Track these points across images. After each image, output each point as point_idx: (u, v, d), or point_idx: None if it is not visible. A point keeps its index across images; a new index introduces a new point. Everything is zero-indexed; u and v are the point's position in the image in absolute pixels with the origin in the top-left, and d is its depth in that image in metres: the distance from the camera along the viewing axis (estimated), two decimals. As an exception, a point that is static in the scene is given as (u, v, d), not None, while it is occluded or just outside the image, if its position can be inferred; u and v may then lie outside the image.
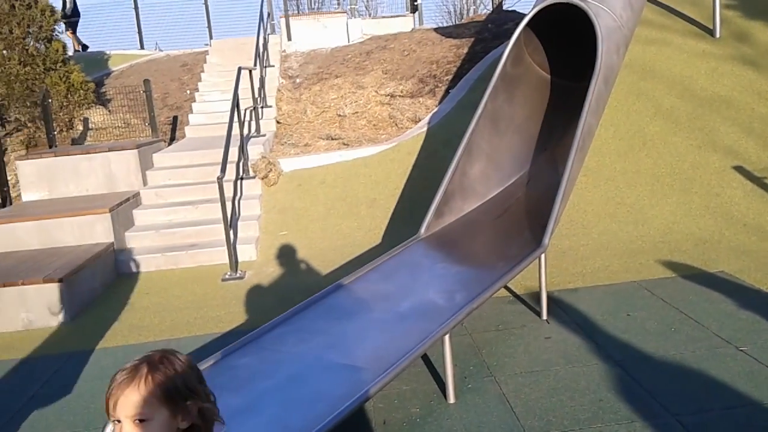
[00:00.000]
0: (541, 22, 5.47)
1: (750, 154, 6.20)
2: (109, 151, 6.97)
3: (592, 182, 6.22)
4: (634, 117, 6.80)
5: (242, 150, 7.03)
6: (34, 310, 4.92)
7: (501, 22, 10.70)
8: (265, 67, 9.83)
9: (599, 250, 5.34)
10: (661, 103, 6.91)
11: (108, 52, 12.79)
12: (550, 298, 4.41)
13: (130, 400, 1.30)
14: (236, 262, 5.74)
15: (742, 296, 4.20)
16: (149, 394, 1.30)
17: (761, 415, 2.87)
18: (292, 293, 5.02)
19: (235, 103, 7.03)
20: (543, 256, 4.19)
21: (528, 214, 5.08)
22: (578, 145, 4.56)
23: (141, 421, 1.30)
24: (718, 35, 7.69)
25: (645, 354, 3.57)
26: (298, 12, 15.59)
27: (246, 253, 6.00)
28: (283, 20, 11.96)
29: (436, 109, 8.39)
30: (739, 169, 6.06)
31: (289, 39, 11.72)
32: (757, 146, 6.27)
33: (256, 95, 8.50)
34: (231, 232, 5.83)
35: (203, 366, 3.25)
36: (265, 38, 10.34)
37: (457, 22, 16.08)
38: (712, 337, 3.68)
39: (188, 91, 10.16)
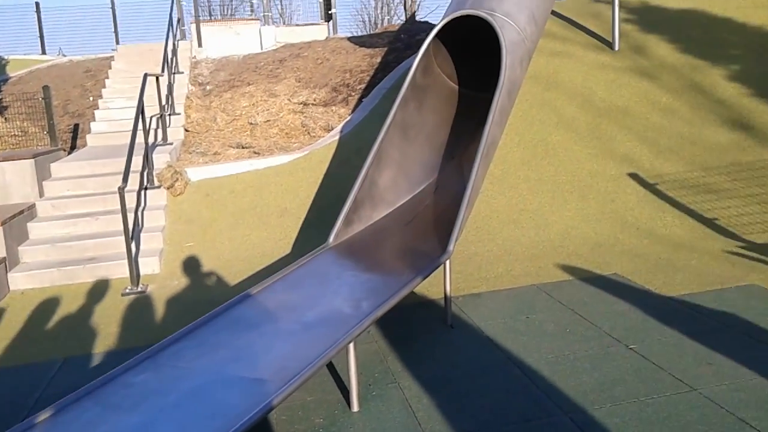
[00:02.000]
0: (450, 33, 5.59)
1: (644, 161, 6.55)
2: (3, 160, 6.60)
3: (498, 189, 6.40)
4: (537, 126, 7.04)
5: (147, 159, 6.81)
6: None
7: (414, 32, 10.88)
8: (174, 73, 9.58)
9: (503, 255, 5.50)
10: (563, 113, 7.19)
11: (6, 57, 12.17)
12: (455, 303, 4.50)
13: None
14: (138, 275, 5.55)
15: (634, 297, 4.42)
16: None
17: (648, 409, 3.02)
18: (197, 306, 4.90)
19: (140, 110, 6.81)
20: (448, 262, 4.27)
21: (436, 221, 5.16)
22: (482, 153, 4.68)
23: None
24: (617, 48, 8.09)
25: (542, 355, 3.69)
26: (210, 18, 15.32)
27: (149, 265, 5.81)
28: (193, 26, 11.73)
29: (348, 118, 8.42)
30: (633, 176, 6.39)
31: (200, 45, 11.50)
32: (650, 154, 6.62)
33: (164, 102, 8.26)
34: (133, 245, 5.63)
35: (95, 385, 3.12)
36: (174, 44, 10.09)
37: (372, 32, 16.21)
38: (604, 337, 3.84)
39: (91, 98, 9.77)
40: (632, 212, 5.97)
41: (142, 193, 6.60)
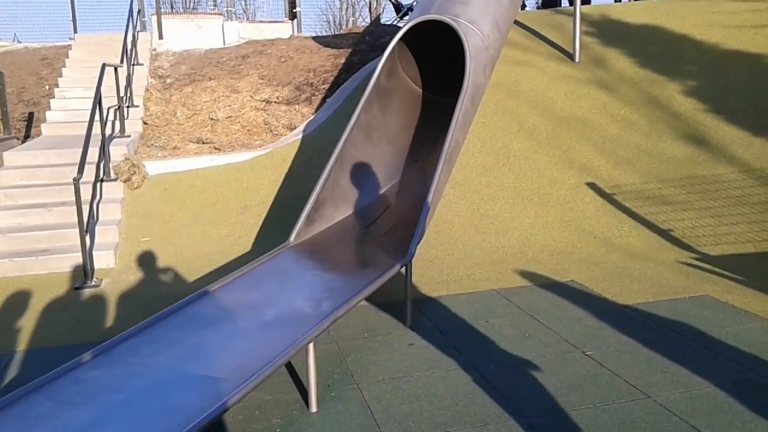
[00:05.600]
0: (415, 38, 5.61)
1: (602, 171, 6.68)
2: (-50, 146, 6.36)
3: (459, 194, 6.44)
4: (499, 134, 7.12)
5: (103, 150, 6.64)
6: None
7: (378, 35, 10.89)
8: (134, 65, 9.38)
9: (463, 259, 5.54)
10: (525, 121, 7.29)
11: (-44, 40, 11.76)
12: (415, 305, 4.51)
13: None
14: (92, 269, 5.41)
15: (590, 304, 4.50)
16: None
17: (604, 416, 3.07)
18: (152, 302, 4.80)
19: (98, 101, 6.64)
20: (409, 264, 4.27)
21: (397, 223, 5.17)
22: (445, 158, 4.71)
23: None
24: (577, 59, 8.25)
25: (501, 359, 3.72)
26: (172, 10, 15.07)
27: (103, 259, 5.67)
28: (154, 18, 11.51)
29: (312, 117, 8.37)
30: (591, 185, 6.51)
31: (161, 37, 11.30)
32: (608, 164, 6.76)
33: (122, 94, 8.08)
34: (87, 238, 5.48)
35: (46, 380, 3.02)
36: (134, 35, 9.89)
37: (336, 33, 16.19)
38: (561, 342, 3.90)
39: (47, 87, 9.50)
40: (590, 221, 6.08)
41: (98, 185, 6.44)
